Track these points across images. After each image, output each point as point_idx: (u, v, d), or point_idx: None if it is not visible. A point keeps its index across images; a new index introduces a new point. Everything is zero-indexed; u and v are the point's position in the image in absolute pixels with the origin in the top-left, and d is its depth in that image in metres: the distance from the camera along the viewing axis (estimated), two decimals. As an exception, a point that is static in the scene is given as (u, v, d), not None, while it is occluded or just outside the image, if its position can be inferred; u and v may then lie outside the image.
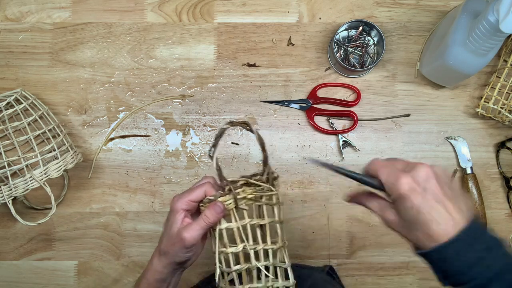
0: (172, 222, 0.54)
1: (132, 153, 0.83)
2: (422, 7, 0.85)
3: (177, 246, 0.53)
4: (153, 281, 0.56)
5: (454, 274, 0.42)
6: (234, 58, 0.84)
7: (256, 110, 0.83)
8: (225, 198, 0.53)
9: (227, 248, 0.53)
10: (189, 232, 0.52)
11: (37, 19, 0.85)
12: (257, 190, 0.55)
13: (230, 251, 0.53)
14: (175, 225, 0.54)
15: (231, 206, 0.53)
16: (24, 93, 0.77)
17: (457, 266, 0.41)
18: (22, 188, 0.69)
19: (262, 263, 0.53)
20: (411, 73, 0.84)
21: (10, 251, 0.81)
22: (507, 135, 0.83)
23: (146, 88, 0.84)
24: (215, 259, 0.53)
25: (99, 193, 0.82)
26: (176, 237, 0.53)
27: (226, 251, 0.53)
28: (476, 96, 0.84)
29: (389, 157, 0.50)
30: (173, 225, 0.54)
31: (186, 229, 0.52)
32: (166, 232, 0.55)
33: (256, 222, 0.54)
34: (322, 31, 0.85)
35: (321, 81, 0.84)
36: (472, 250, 0.41)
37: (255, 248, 0.53)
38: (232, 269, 0.53)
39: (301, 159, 0.82)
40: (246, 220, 0.54)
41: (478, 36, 0.66)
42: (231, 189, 0.53)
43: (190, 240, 0.52)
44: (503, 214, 0.82)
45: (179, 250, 0.53)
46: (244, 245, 0.53)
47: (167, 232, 0.55)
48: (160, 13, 0.85)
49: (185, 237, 0.52)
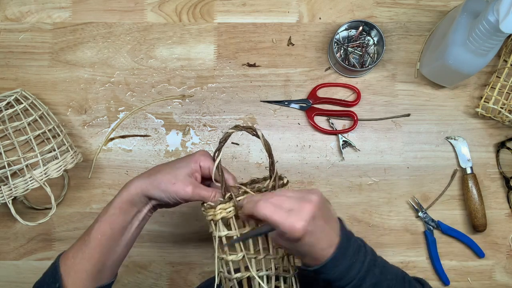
0: (184, 165, 0.56)
1: (132, 153, 0.83)
2: (422, 7, 0.85)
3: (175, 187, 0.54)
4: (119, 210, 0.55)
5: (335, 280, 0.49)
6: (234, 58, 0.84)
7: (256, 110, 0.83)
8: (225, 205, 0.52)
9: (227, 256, 0.52)
10: (194, 189, 0.54)
11: (37, 19, 0.85)
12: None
13: (230, 258, 0.52)
14: (184, 170, 0.55)
15: (231, 214, 0.52)
16: (24, 93, 0.77)
17: (337, 274, 0.48)
18: (22, 188, 0.69)
19: (263, 273, 0.52)
20: (411, 73, 0.84)
21: (10, 251, 0.81)
22: (507, 135, 0.83)
23: (146, 88, 0.84)
24: (215, 265, 0.53)
25: (99, 193, 0.82)
26: (179, 180, 0.54)
27: (226, 258, 0.52)
28: (476, 96, 0.84)
29: (271, 194, 0.50)
30: (182, 168, 0.55)
31: (194, 185, 0.54)
32: (170, 167, 0.56)
33: None
34: (322, 31, 0.85)
35: (321, 81, 0.84)
36: (345, 258, 0.48)
37: (256, 257, 0.52)
38: (232, 277, 0.52)
39: (301, 159, 0.82)
40: (247, 228, 0.53)
41: (478, 36, 0.66)
42: (231, 197, 0.53)
43: (186, 195, 0.54)
44: (503, 214, 0.82)
45: (172, 191, 0.54)
46: (243, 254, 0.52)
47: (171, 168, 0.56)
48: (160, 13, 0.85)
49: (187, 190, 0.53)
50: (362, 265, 0.49)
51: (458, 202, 0.82)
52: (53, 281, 0.52)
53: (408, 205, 0.82)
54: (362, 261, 0.49)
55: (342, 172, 0.82)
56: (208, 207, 0.53)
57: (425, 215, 0.81)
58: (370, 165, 0.82)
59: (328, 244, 0.48)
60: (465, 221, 0.82)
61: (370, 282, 0.49)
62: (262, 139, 0.54)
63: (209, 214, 0.53)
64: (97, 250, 0.54)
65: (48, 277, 0.54)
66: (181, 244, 0.82)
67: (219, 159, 0.55)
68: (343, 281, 0.49)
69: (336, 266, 0.48)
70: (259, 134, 0.53)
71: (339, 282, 0.49)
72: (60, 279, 0.52)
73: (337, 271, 0.48)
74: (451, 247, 0.81)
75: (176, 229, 0.82)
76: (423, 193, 0.82)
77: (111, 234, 0.55)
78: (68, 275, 0.53)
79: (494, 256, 0.81)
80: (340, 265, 0.48)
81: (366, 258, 0.50)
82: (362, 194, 0.82)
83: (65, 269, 0.53)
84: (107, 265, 0.55)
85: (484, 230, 0.80)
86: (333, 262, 0.48)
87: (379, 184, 0.82)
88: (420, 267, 0.81)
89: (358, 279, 0.49)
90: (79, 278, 0.53)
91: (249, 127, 0.54)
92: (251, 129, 0.53)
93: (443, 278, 0.80)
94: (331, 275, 0.48)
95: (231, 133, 0.54)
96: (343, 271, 0.48)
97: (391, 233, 0.82)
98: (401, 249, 0.82)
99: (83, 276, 0.53)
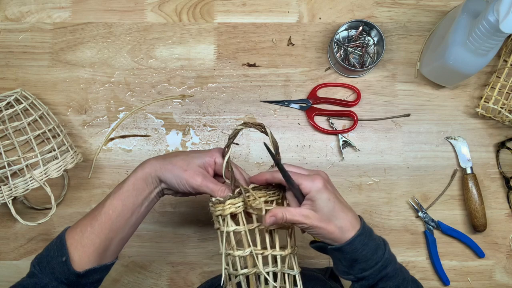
0: (199, 157, 0.57)
1: (132, 153, 0.83)
2: (422, 7, 0.85)
3: (186, 174, 0.55)
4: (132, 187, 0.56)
5: (363, 260, 0.52)
6: (234, 58, 0.84)
7: (256, 110, 0.83)
8: (234, 200, 0.53)
9: (235, 251, 0.52)
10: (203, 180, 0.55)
11: (37, 19, 0.85)
12: (269, 195, 0.54)
13: (237, 254, 0.52)
14: (198, 160, 0.56)
15: (239, 210, 0.53)
16: (24, 93, 0.77)
17: (365, 253, 0.52)
18: (22, 188, 0.69)
19: (270, 269, 0.53)
20: (411, 73, 0.84)
21: (10, 251, 0.81)
22: (507, 135, 0.83)
23: (146, 88, 0.84)
24: (222, 260, 0.53)
25: (99, 193, 0.82)
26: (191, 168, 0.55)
27: (233, 254, 0.52)
28: (476, 96, 0.84)
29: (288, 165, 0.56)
30: (197, 159, 0.57)
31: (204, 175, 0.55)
32: (185, 154, 0.58)
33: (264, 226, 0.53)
34: (322, 31, 0.85)
35: (321, 81, 0.84)
36: (370, 241, 0.53)
37: (263, 253, 0.53)
38: (239, 273, 0.52)
39: (301, 159, 0.82)
40: (255, 224, 0.53)
41: (478, 36, 0.66)
42: (241, 192, 0.53)
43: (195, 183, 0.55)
44: (503, 214, 0.82)
45: (183, 177, 0.55)
46: (251, 250, 0.52)
47: (186, 156, 0.57)
48: (160, 13, 0.85)
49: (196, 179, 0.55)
50: (385, 250, 0.54)
51: (458, 202, 0.82)
52: (60, 255, 0.52)
53: (408, 205, 0.82)
54: (384, 247, 0.54)
55: (342, 172, 0.82)
56: (216, 202, 0.53)
57: (425, 215, 0.81)
58: (370, 165, 0.82)
59: (352, 220, 0.53)
60: (465, 221, 0.82)
61: (392, 268, 0.53)
62: (271, 137, 0.55)
63: (217, 209, 0.53)
64: (107, 226, 0.54)
65: (53, 250, 0.53)
66: (181, 244, 0.82)
67: (229, 154, 0.56)
68: (370, 262, 0.52)
69: (363, 244, 0.52)
70: (268, 131, 0.54)
71: (365, 262, 0.52)
72: (67, 252, 0.52)
73: (365, 249, 0.52)
74: (451, 247, 0.81)
75: (176, 229, 0.82)
76: (423, 193, 0.82)
77: (122, 211, 0.55)
78: (75, 249, 0.53)
79: (494, 256, 0.81)
80: (366, 244, 0.52)
81: (386, 247, 0.55)
82: (362, 194, 0.82)
83: (72, 243, 0.53)
84: (114, 243, 0.56)
85: (484, 230, 0.80)
86: (360, 239, 0.52)
87: (379, 184, 0.82)
88: (420, 267, 0.81)
89: (384, 261, 0.52)
90: (86, 252, 0.53)
91: (258, 123, 0.55)
92: (260, 125, 0.55)
93: (443, 278, 0.80)
94: (358, 253, 0.52)
95: (241, 129, 0.55)
96: (370, 251, 0.52)
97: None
98: (401, 249, 0.82)
99: (90, 251, 0.53)
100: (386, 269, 0.53)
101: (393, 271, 0.54)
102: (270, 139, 0.55)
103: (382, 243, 0.55)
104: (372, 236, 0.54)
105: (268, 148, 0.53)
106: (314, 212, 0.52)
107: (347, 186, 0.82)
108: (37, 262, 0.53)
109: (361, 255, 0.52)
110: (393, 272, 0.54)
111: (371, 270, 0.52)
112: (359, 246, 0.52)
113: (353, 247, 0.52)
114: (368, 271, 0.53)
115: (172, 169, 0.56)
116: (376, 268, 0.52)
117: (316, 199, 0.52)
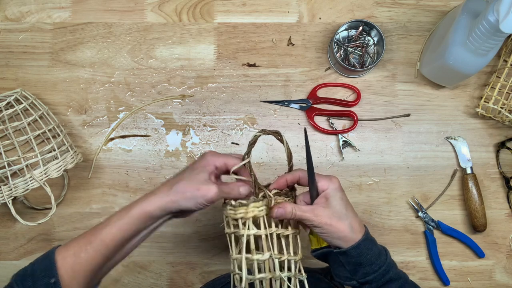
0: (200, 170, 0.55)
1: (132, 153, 0.83)
2: (422, 7, 0.85)
3: (200, 192, 0.53)
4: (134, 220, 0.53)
5: (367, 264, 0.54)
6: (234, 58, 0.84)
7: (256, 110, 0.83)
8: (257, 204, 0.53)
9: (254, 255, 0.52)
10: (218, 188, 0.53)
11: (37, 19, 0.85)
12: (288, 201, 0.55)
13: (256, 258, 0.52)
14: (202, 174, 0.54)
15: (262, 213, 0.53)
16: (24, 93, 0.77)
17: (369, 257, 0.54)
18: (22, 188, 0.69)
19: (285, 274, 0.53)
20: (411, 73, 0.84)
21: (10, 251, 0.81)
22: (507, 135, 0.83)
23: (146, 88, 0.84)
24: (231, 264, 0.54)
25: (99, 193, 0.82)
26: (201, 184, 0.53)
27: (252, 258, 0.52)
28: (476, 96, 0.84)
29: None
30: (200, 173, 0.54)
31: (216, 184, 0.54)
32: (187, 176, 0.55)
33: (281, 231, 0.54)
34: (322, 31, 0.85)
35: (321, 81, 0.84)
36: (375, 245, 0.56)
37: (280, 257, 0.53)
38: (256, 277, 0.52)
39: (301, 159, 0.82)
40: (273, 228, 0.53)
41: (478, 36, 0.66)
42: (265, 196, 0.54)
43: (214, 195, 0.53)
44: (503, 214, 0.82)
45: (199, 196, 0.53)
46: (270, 254, 0.52)
47: (189, 176, 0.55)
48: (160, 13, 0.85)
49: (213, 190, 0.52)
50: (386, 256, 0.56)
51: (458, 202, 0.82)
52: (47, 275, 0.49)
53: (408, 205, 0.82)
54: (386, 253, 0.56)
55: (342, 172, 0.82)
56: (238, 205, 0.53)
57: (425, 215, 0.81)
58: (370, 165, 0.82)
59: (360, 223, 0.56)
60: (465, 221, 0.82)
61: (394, 272, 0.55)
62: (286, 145, 0.56)
63: (239, 212, 0.53)
64: (101, 254, 0.52)
65: (40, 270, 0.50)
66: (181, 244, 0.82)
67: (249, 159, 0.56)
68: (374, 266, 0.54)
69: (368, 249, 0.54)
70: (284, 140, 0.56)
71: (370, 266, 0.54)
72: (57, 274, 0.50)
73: (370, 253, 0.54)
74: (451, 247, 0.81)
75: (176, 229, 0.82)
76: (423, 193, 0.82)
77: (120, 240, 0.53)
78: (65, 272, 0.50)
79: (494, 256, 0.81)
80: (370, 249, 0.54)
81: (387, 253, 0.57)
82: (362, 194, 0.82)
83: (63, 265, 0.51)
84: (103, 270, 0.55)
85: (484, 230, 0.80)
86: (365, 244, 0.54)
87: (379, 184, 0.82)
88: (420, 267, 0.81)
89: (387, 265, 0.54)
90: (76, 278, 0.51)
91: (275, 131, 0.56)
92: (277, 133, 0.56)
93: (443, 278, 0.80)
94: (363, 257, 0.53)
95: (259, 135, 0.56)
96: (373, 256, 0.54)
97: (391, 233, 0.82)
98: (401, 249, 0.82)
99: (80, 276, 0.51)
100: (389, 273, 0.54)
101: (395, 275, 0.55)
102: (285, 146, 0.56)
103: (383, 249, 0.57)
104: (375, 242, 0.57)
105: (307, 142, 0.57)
106: (325, 209, 0.54)
107: (347, 186, 0.82)
108: (21, 280, 0.49)
109: (365, 259, 0.54)
110: (395, 275, 0.55)
111: (375, 274, 0.54)
112: (364, 250, 0.54)
113: (359, 250, 0.53)
114: (371, 275, 0.54)
115: (184, 196, 0.53)
116: (380, 272, 0.54)
117: (331, 196, 0.54)
